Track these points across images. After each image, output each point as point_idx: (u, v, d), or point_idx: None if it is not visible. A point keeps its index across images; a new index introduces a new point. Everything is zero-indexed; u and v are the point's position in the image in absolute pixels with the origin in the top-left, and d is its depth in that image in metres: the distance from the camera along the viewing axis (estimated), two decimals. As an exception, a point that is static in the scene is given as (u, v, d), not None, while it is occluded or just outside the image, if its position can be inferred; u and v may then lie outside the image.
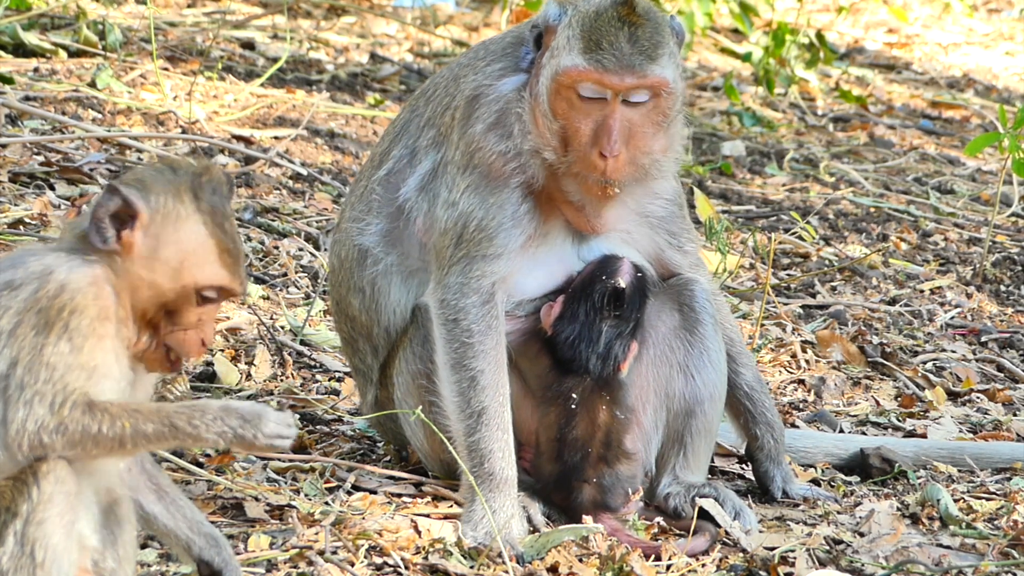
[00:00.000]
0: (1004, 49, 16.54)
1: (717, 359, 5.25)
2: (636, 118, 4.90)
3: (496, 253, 4.98)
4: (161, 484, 3.96)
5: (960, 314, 7.78)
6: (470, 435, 4.94)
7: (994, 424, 6.44)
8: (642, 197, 5.14)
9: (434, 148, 5.16)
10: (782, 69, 12.28)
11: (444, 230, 5.04)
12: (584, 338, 5.03)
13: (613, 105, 4.88)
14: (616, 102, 4.87)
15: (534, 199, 5.02)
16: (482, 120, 5.04)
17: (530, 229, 5.02)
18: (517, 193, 5.01)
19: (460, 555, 4.72)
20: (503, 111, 5.03)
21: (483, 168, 5.01)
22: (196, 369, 6.03)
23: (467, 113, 5.06)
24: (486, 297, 4.98)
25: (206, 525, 3.96)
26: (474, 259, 4.98)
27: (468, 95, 5.08)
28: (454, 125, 5.09)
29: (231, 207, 3.82)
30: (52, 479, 3.69)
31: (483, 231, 4.98)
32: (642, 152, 4.91)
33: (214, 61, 9.94)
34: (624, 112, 4.88)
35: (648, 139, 4.92)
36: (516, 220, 5.00)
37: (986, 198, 10.10)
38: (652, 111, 4.91)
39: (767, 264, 7.76)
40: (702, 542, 4.99)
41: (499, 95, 5.05)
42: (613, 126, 4.86)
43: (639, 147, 4.90)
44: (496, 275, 4.98)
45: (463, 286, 4.98)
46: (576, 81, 4.88)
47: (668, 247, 5.24)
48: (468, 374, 4.96)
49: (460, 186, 5.03)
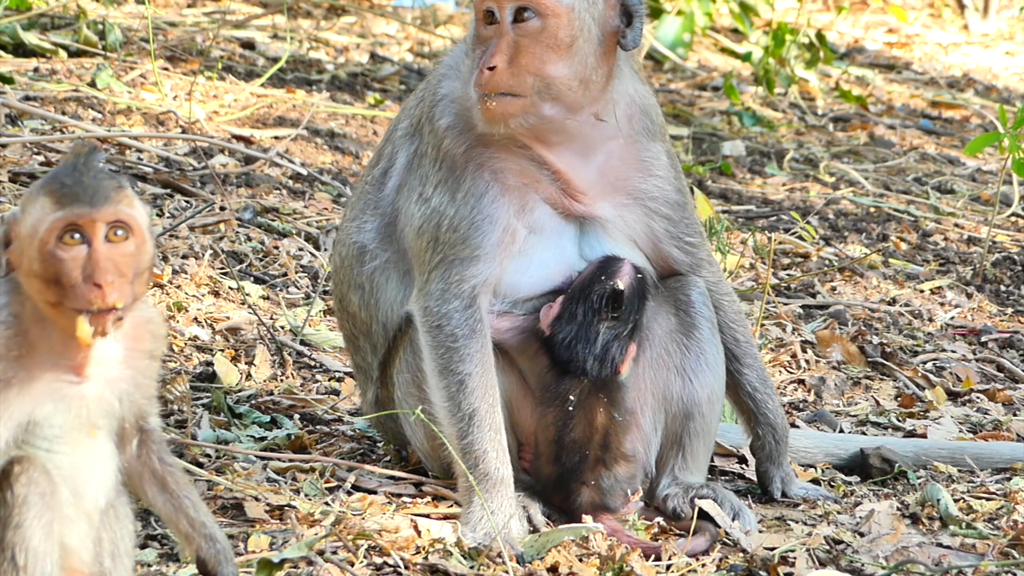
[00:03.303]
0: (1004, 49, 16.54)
1: (714, 362, 5.25)
2: (524, 39, 4.94)
3: (473, 255, 4.98)
4: (167, 479, 3.94)
5: (960, 314, 7.78)
6: (463, 438, 4.94)
7: (994, 424, 6.44)
8: (626, 168, 5.12)
9: (409, 141, 5.19)
10: (782, 69, 12.28)
11: (420, 230, 5.05)
12: (581, 339, 5.03)
13: (502, 26, 4.95)
14: (504, 23, 4.95)
15: (500, 185, 5.01)
16: (442, 103, 5.07)
17: (504, 219, 5.00)
18: (481, 180, 5.00)
19: (460, 555, 4.72)
20: (452, 87, 5.06)
21: (448, 160, 5.04)
22: (196, 369, 6.03)
23: (432, 101, 5.10)
24: (468, 302, 4.99)
25: (209, 527, 3.94)
26: (452, 264, 4.99)
27: (435, 83, 5.13)
28: (424, 116, 5.12)
29: (85, 161, 3.71)
30: (24, 480, 3.67)
31: (456, 231, 4.99)
32: (528, 72, 4.93)
33: (214, 61, 9.94)
34: (513, 32, 4.94)
35: (537, 61, 4.94)
36: (486, 212, 4.99)
37: (986, 198, 10.10)
38: (541, 32, 4.94)
39: (767, 264, 7.76)
40: (702, 542, 4.99)
41: (452, 63, 5.14)
42: (495, 43, 4.93)
43: (525, 66, 4.93)
44: (476, 278, 4.99)
45: (444, 292, 4.99)
46: (478, 3, 4.99)
47: (666, 238, 5.21)
48: (456, 378, 4.97)
49: (432, 180, 5.06)
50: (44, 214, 3.67)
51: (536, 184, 5.04)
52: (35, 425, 3.74)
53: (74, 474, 3.79)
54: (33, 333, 3.72)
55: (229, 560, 3.94)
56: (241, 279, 6.83)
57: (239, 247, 7.25)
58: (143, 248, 3.73)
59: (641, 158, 5.14)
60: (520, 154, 5.03)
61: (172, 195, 7.66)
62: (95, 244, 3.66)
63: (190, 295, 6.63)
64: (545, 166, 5.03)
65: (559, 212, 5.07)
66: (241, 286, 6.68)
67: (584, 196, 5.08)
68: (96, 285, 3.64)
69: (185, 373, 5.91)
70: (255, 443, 5.50)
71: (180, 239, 7.12)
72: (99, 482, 3.84)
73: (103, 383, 3.81)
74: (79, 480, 3.80)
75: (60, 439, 3.77)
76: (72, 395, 3.77)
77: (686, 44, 13.62)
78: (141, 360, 3.87)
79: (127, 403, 3.86)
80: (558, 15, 4.94)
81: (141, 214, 3.74)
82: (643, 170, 5.16)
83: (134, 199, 3.73)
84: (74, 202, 3.66)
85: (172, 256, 6.92)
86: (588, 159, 5.07)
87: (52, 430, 3.76)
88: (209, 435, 5.49)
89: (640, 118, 5.15)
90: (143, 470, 3.93)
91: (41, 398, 3.73)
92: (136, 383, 3.87)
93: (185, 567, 4.47)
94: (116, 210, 3.68)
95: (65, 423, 3.77)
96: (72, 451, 3.79)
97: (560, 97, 4.95)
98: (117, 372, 3.83)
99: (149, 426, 3.92)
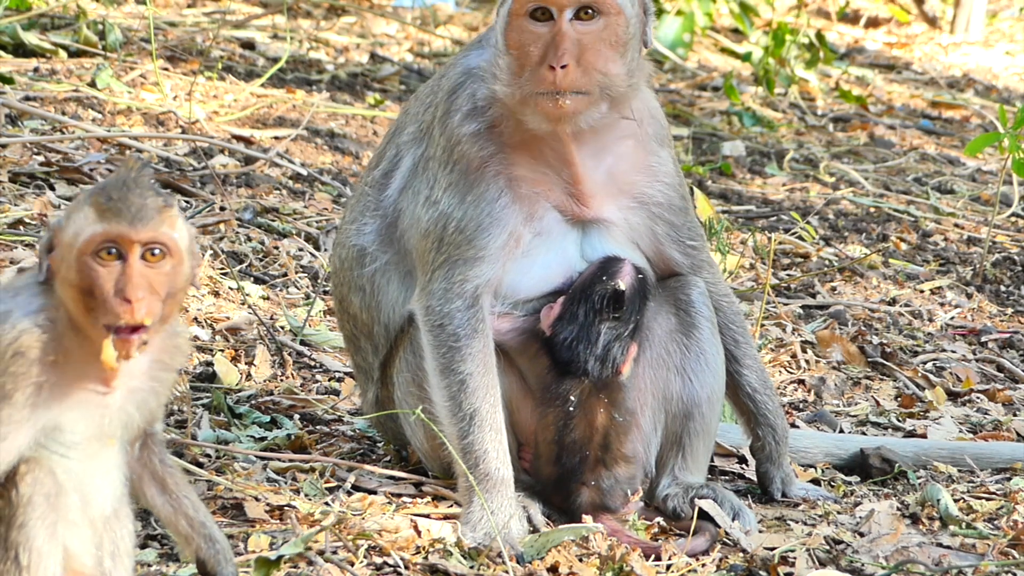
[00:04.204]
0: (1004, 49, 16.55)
1: (714, 362, 5.26)
2: (586, 36, 4.93)
3: (476, 256, 4.98)
4: (167, 480, 3.95)
5: (960, 314, 7.78)
6: (464, 438, 4.94)
7: (994, 424, 6.44)
8: (634, 171, 5.13)
9: (416, 144, 5.18)
10: (782, 69, 12.28)
11: (425, 232, 5.05)
12: (582, 340, 5.03)
13: (560, 23, 4.92)
14: (563, 19, 4.92)
15: (512, 192, 5.02)
16: (459, 109, 5.07)
17: (512, 224, 5.00)
18: (495, 185, 5.01)
19: (460, 555, 4.72)
20: (474, 91, 5.07)
21: (463, 164, 5.03)
22: (196, 369, 6.03)
23: (447, 107, 5.09)
24: (470, 301, 4.99)
25: (208, 527, 3.95)
26: (456, 263, 4.99)
27: (448, 88, 5.12)
28: (435, 120, 5.12)
29: (136, 177, 3.74)
30: (29, 480, 3.67)
31: (462, 232, 4.99)
32: (595, 69, 4.93)
33: (214, 61, 9.94)
34: (573, 28, 4.92)
35: (601, 57, 4.94)
36: (495, 216, 5.00)
37: (986, 198, 10.10)
38: (604, 31, 4.94)
39: (767, 264, 7.76)
40: (702, 542, 4.99)
41: (466, 69, 5.11)
42: (561, 39, 4.90)
43: (591, 63, 4.92)
44: (479, 279, 4.99)
45: (447, 291, 4.99)
46: (524, 3, 4.92)
47: (668, 242, 5.23)
48: (457, 378, 4.97)
49: (442, 183, 5.05)
50: (85, 225, 3.69)
51: (548, 192, 5.05)
52: (58, 430, 3.76)
53: (84, 481, 3.80)
54: (68, 339, 3.73)
55: (229, 560, 3.94)
56: (241, 279, 6.83)
57: (239, 247, 7.25)
58: (179, 269, 3.74)
59: (649, 163, 5.16)
60: (537, 160, 5.03)
61: (172, 195, 7.65)
62: (130, 261, 3.68)
63: (190, 295, 6.63)
64: (563, 169, 5.03)
65: (566, 218, 5.08)
66: (241, 286, 6.68)
67: (592, 200, 5.08)
68: (126, 300, 3.66)
69: (185, 373, 5.91)
70: (255, 443, 5.50)
71: (180, 239, 7.11)
72: (108, 490, 3.85)
73: (126, 393, 3.83)
74: (88, 487, 3.81)
75: (77, 446, 3.79)
76: (97, 404, 3.78)
77: (686, 44, 13.63)
78: (163, 372, 3.89)
79: (144, 412, 3.88)
80: (619, 13, 4.95)
81: (183, 235, 3.76)
82: (650, 175, 5.17)
83: (178, 219, 3.75)
84: (116, 218, 3.68)
85: (172, 256, 6.91)
86: (600, 161, 5.07)
87: (72, 436, 3.78)
88: (209, 435, 5.49)
89: (650, 122, 5.17)
90: (143, 471, 3.94)
91: (69, 404, 3.75)
92: (155, 392, 3.89)
93: (185, 567, 4.47)
94: (155, 232, 3.69)
95: (86, 431, 3.79)
96: (85, 458, 3.80)
97: (615, 94, 4.97)
98: (139, 383, 3.85)
99: (152, 429, 3.94)
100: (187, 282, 3.78)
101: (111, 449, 3.83)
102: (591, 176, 5.07)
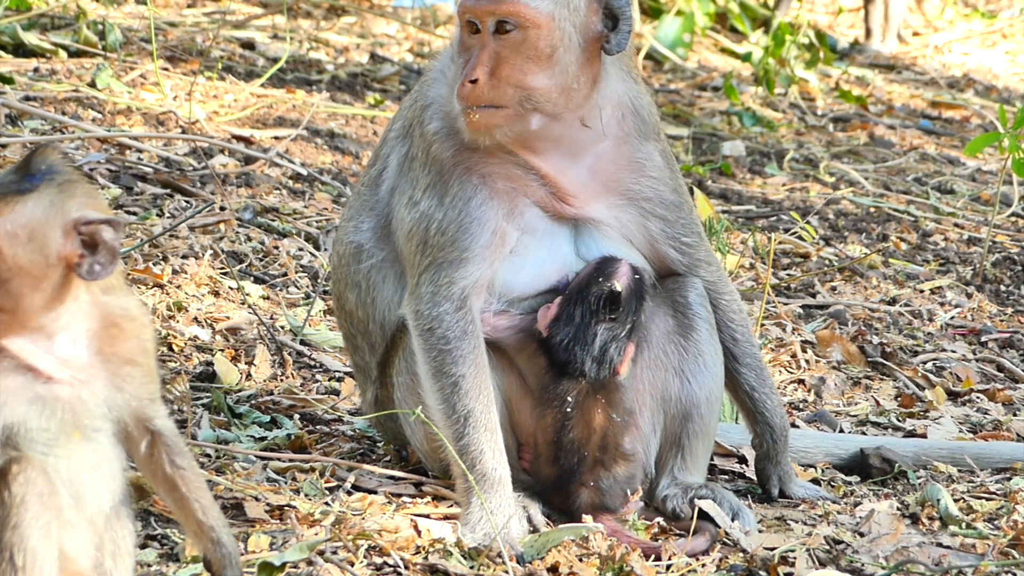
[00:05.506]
0: (1004, 49, 16.55)
1: (712, 362, 5.25)
2: (505, 50, 4.94)
3: (461, 257, 4.98)
4: (176, 482, 3.92)
5: (960, 314, 7.78)
6: (459, 439, 4.94)
7: (994, 424, 6.44)
8: (617, 169, 5.12)
9: (401, 143, 5.20)
10: (782, 69, 12.28)
11: (409, 233, 5.06)
12: (579, 341, 5.03)
13: (484, 36, 4.95)
14: (486, 33, 4.94)
15: (488, 189, 5.02)
16: (431, 108, 5.09)
17: (493, 222, 5.00)
18: (469, 184, 5.01)
19: (460, 555, 4.72)
20: (442, 90, 5.08)
21: (438, 164, 5.05)
22: (196, 369, 6.03)
23: (423, 106, 5.11)
24: (458, 304, 4.99)
25: (216, 530, 3.93)
26: (441, 266, 4.99)
27: (425, 88, 5.16)
28: (415, 119, 5.13)
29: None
30: (21, 480, 3.65)
31: (444, 234, 4.99)
32: (512, 84, 4.93)
33: (214, 61, 9.94)
34: (494, 43, 4.94)
35: (518, 72, 4.94)
36: (474, 215, 5.00)
37: (986, 198, 10.10)
38: (522, 44, 4.94)
39: (767, 264, 7.76)
40: (702, 542, 4.99)
41: (441, 68, 5.14)
42: (476, 54, 4.93)
43: (507, 78, 4.93)
44: (465, 280, 4.99)
45: (434, 295, 4.99)
46: (461, 13, 4.98)
47: (663, 239, 5.21)
48: (450, 380, 4.97)
49: (422, 184, 5.06)
50: None
51: (525, 188, 5.05)
52: (16, 428, 3.72)
53: (73, 478, 3.77)
54: None
55: (235, 564, 3.94)
56: (241, 279, 6.83)
57: (239, 247, 7.25)
58: None
59: (633, 159, 5.14)
60: (507, 159, 5.03)
61: (172, 195, 7.66)
62: None
63: (190, 295, 6.63)
64: (532, 171, 5.04)
65: (550, 214, 5.07)
66: (241, 286, 6.69)
67: (574, 198, 5.08)
68: None
69: (185, 373, 5.91)
70: (255, 443, 5.50)
71: (180, 239, 7.12)
72: (100, 486, 3.82)
73: (77, 385, 3.78)
74: (78, 484, 3.78)
75: (54, 443, 3.75)
76: (46, 397, 3.74)
77: (686, 44, 13.63)
78: (116, 360, 3.82)
79: (116, 405, 3.83)
80: (538, 26, 4.94)
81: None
82: (636, 171, 5.15)
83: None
84: None
85: (172, 256, 6.92)
86: (577, 161, 5.07)
87: (41, 433, 3.74)
88: (209, 435, 5.49)
89: (631, 119, 5.14)
90: (154, 471, 3.92)
91: (9, 401, 3.71)
92: (116, 385, 3.82)
93: (185, 567, 4.47)
94: None
95: (50, 426, 3.75)
96: (68, 455, 3.77)
97: (542, 107, 4.96)
98: (89, 374, 3.79)
99: (156, 427, 3.90)
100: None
101: (94, 445, 3.80)
102: (568, 176, 5.06)
